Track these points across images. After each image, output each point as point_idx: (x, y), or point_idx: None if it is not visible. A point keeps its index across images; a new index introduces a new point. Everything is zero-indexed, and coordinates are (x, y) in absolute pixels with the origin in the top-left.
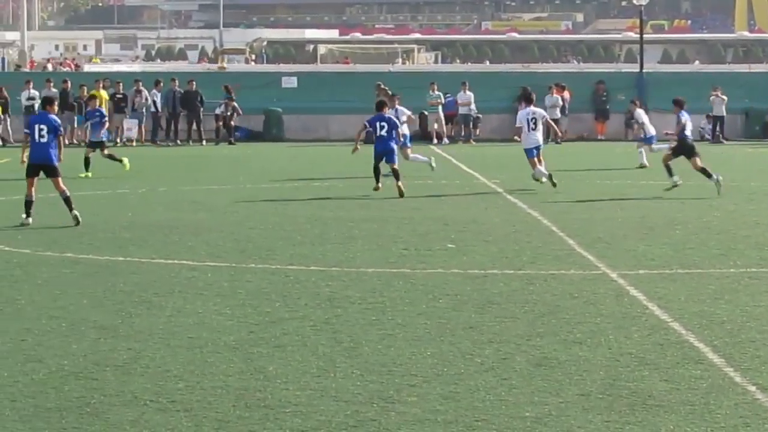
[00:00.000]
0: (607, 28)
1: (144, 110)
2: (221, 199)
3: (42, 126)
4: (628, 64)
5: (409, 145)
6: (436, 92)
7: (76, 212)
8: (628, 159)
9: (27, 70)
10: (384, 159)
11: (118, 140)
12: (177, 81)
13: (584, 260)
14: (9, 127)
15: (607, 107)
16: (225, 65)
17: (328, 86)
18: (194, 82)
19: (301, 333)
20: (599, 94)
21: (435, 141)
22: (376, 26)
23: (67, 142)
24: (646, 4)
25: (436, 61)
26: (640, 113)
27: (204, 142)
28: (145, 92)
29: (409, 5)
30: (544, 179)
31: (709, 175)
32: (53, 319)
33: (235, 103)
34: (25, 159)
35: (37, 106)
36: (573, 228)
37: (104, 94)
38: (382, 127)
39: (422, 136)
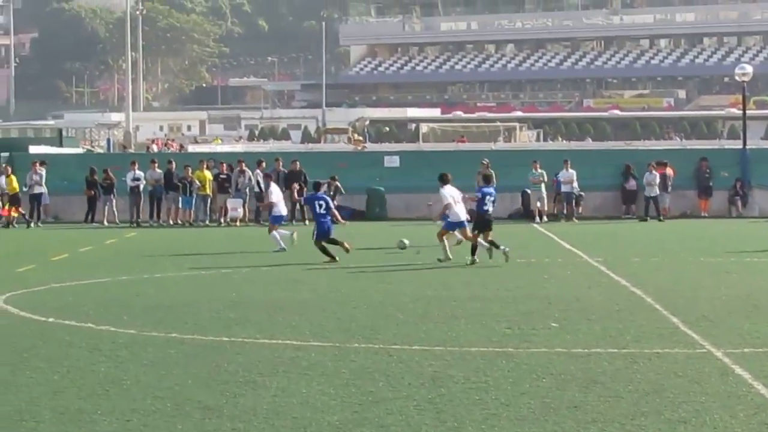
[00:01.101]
0: (709, 105)
1: (247, 190)
2: (324, 278)
3: None
4: (731, 141)
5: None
6: (539, 170)
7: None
8: (732, 236)
9: (132, 151)
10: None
11: (222, 220)
12: (281, 161)
13: (688, 339)
14: (114, 208)
15: (711, 184)
16: (362, 143)
17: (430, 165)
18: (298, 162)
19: (405, 413)
20: (702, 170)
21: (537, 219)
22: (478, 104)
23: (171, 222)
24: (749, 80)
25: (537, 139)
26: None
27: (307, 222)
28: (248, 172)
29: (511, 83)
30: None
31: None
32: (158, 400)
33: (338, 183)
34: None
35: (142, 186)
36: (677, 306)
37: (208, 174)
38: (320, 206)
39: (524, 214)
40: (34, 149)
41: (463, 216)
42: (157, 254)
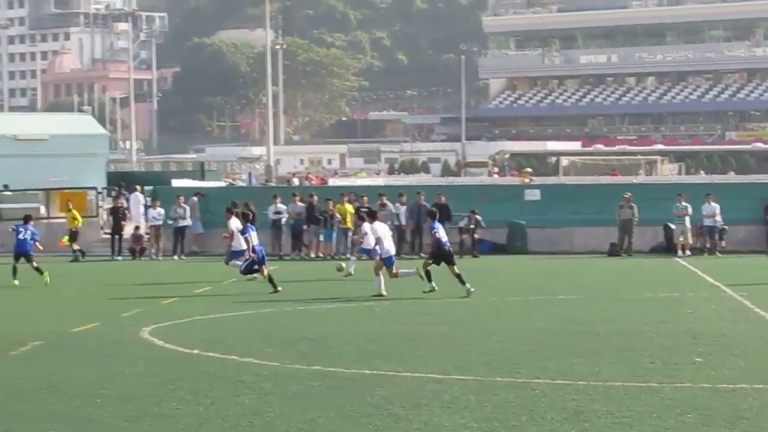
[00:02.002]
0: None
1: (389, 223)
2: (466, 312)
3: None
4: None
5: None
6: (684, 203)
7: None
8: None
9: (273, 184)
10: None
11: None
12: (423, 194)
13: None
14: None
15: None
16: (529, 175)
17: (571, 198)
18: (443, 196)
19: None
20: None
21: (680, 252)
22: (619, 137)
23: (313, 255)
24: None
25: (679, 172)
26: None
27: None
28: (389, 205)
29: (652, 116)
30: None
31: None
32: None
33: (479, 216)
34: None
35: (284, 220)
36: None
37: (349, 207)
38: None
39: (666, 247)
40: (176, 182)
41: (393, 251)
42: (299, 287)
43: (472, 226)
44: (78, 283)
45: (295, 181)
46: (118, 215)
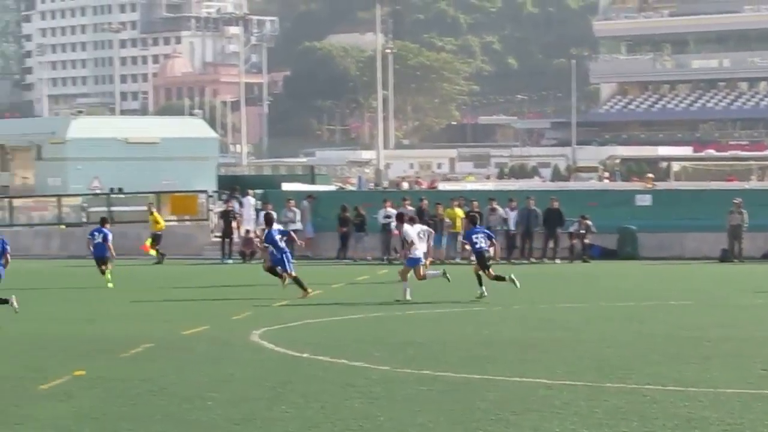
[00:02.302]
0: None
1: (499, 228)
2: (576, 318)
3: None
4: None
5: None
6: None
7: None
8: None
9: (383, 188)
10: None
11: (472, 258)
12: (534, 199)
13: None
14: (366, 245)
15: None
16: (651, 181)
17: (682, 204)
18: (556, 201)
19: None
20: None
21: None
22: (730, 143)
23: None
24: None
25: None
26: None
27: (558, 260)
28: (499, 210)
29: (764, 121)
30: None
31: None
32: None
33: (589, 221)
34: None
35: (393, 225)
36: None
37: (460, 212)
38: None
39: None
40: (286, 186)
41: (420, 254)
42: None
43: (583, 231)
44: (189, 286)
45: (405, 185)
46: (228, 218)
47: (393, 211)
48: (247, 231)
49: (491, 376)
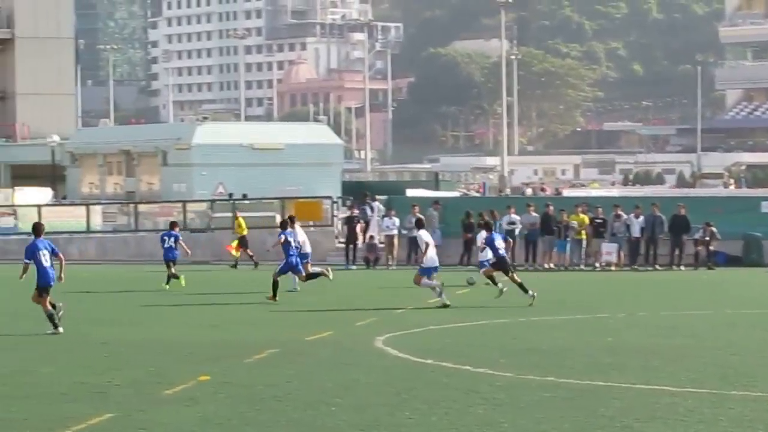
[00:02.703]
0: None
1: (623, 235)
2: (701, 325)
3: None
4: None
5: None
6: None
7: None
8: None
9: (507, 194)
10: None
11: (597, 264)
12: (658, 206)
13: None
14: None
15: None
16: None
17: None
18: (683, 208)
19: None
20: None
21: None
22: None
23: (546, 266)
24: None
25: None
26: None
27: (682, 267)
28: (624, 217)
29: None
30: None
31: None
32: None
33: (713, 228)
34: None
35: (518, 231)
36: None
37: (585, 218)
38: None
39: None
40: (411, 192)
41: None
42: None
43: (707, 238)
44: (313, 291)
45: (529, 192)
46: (353, 224)
47: (517, 218)
48: (371, 237)
49: (615, 383)
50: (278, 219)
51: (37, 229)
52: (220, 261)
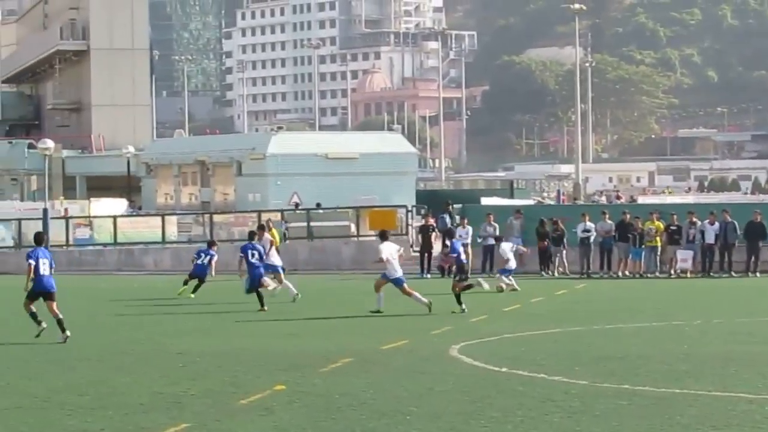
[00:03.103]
0: None
1: (698, 242)
2: None
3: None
4: None
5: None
6: None
7: None
8: None
9: (581, 202)
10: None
11: (671, 271)
12: (729, 212)
13: None
14: (565, 259)
15: None
16: None
17: None
18: (759, 215)
19: None
20: None
21: None
22: None
23: (621, 273)
24: None
25: None
26: None
27: (758, 274)
28: (699, 224)
29: None
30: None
31: None
32: None
33: None
34: None
35: (592, 239)
36: None
37: (660, 225)
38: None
39: None
40: (485, 201)
41: (399, 273)
42: (608, 305)
43: None
44: (387, 300)
45: (603, 200)
46: (427, 233)
47: (592, 225)
48: (445, 246)
49: (691, 390)
50: (353, 228)
51: (38, 238)
52: (295, 271)
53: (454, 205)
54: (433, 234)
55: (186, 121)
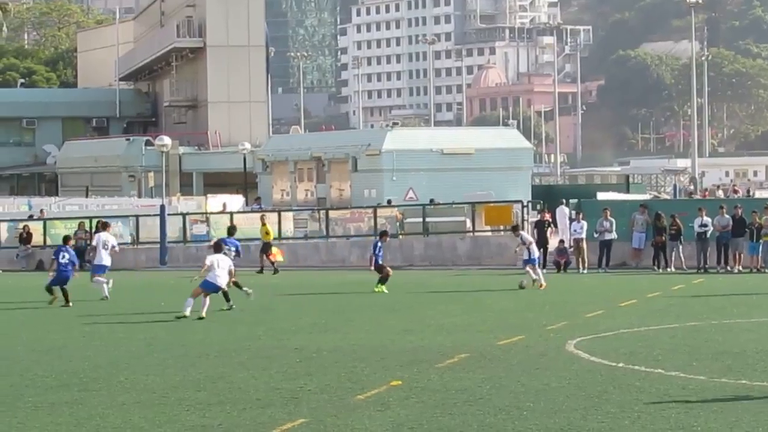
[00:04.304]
0: None
1: None
2: None
3: None
4: None
5: None
6: None
7: None
8: None
9: (698, 197)
10: None
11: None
12: None
13: None
14: (681, 254)
15: None
16: None
17: None
18: None
19: None
20: None
21: None
22: None
23: (738, 268)
24: None
25: None
26: None
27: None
28: None
29: None
30: None
31: None
32: None
33: None
34: None
35: (709, 233)
36: None
37: None
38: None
39: None
40: (601, 195)
41: (222, 282)
42: (725, 301)
43: None
44: (503, 296)
45: (720, 194)
46: (543, 228)
47: (709, 220)
48: (561, 241)
49: None
50: (468, 224)
51: (65, 239)
52: (411, 266)
53: (570, 200)
54: (549, 229)
55: (301, 117)
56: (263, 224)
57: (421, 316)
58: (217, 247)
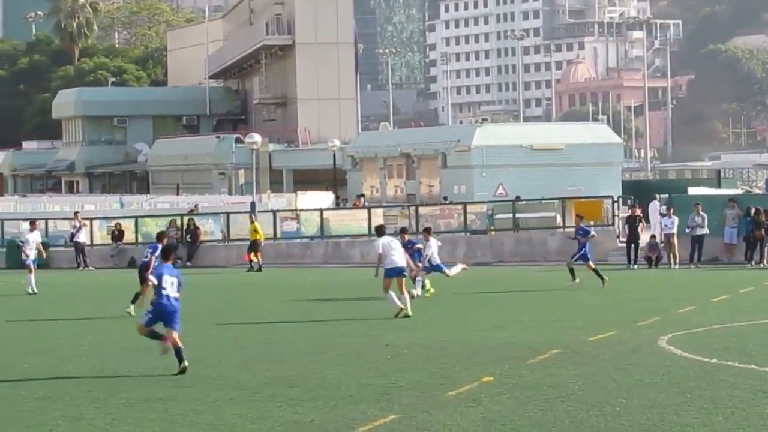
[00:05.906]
0: None
1: None
2: None
3: None
4: None
5: None
6: None
7: None
8: None
9: None
10: None
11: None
12: None
13: None
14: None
15: None
16: None
17: None
18: None
19: None
20: None
21: None
22: None
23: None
24: None
25: None
26: None
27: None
28: None
29: None
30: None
31: None
32: None
33: None
34: None
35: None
36: None
37: None
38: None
39: None
40: (692, 190)
41: (402, 263)
42: None
43: None
44: (594, 292)
45: None
46: (634, 224)
47: None
48: (652, 236)
49: None
50: (558, 219)
51: (159, 236)
52: (501, 262)
53: (660, 195)
54: (640, 225)
55: (390, 113)
56: (252, 222)
57: (511, 312)
58: (380, 232)
